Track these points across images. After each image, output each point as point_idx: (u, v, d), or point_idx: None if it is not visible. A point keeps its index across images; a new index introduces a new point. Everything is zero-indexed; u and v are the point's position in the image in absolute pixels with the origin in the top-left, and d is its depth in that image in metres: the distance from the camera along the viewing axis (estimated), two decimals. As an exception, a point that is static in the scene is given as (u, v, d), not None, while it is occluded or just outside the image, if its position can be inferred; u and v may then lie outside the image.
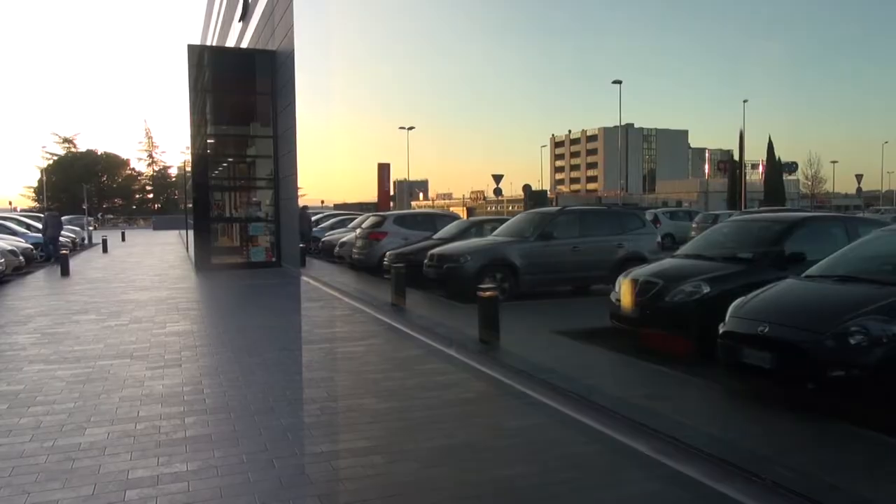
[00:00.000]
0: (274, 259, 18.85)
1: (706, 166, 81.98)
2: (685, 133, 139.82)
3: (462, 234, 14.59)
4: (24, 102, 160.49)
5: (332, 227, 24.79)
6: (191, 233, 21.85)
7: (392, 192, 58.36)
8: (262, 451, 4.48)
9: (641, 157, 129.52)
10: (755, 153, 66.79)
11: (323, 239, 22.63)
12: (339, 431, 4.91)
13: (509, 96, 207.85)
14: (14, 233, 21.52)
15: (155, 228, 59.86)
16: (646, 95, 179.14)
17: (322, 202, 69.81)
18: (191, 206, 21.57)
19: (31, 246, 19.56)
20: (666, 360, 6.89)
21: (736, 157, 60.60)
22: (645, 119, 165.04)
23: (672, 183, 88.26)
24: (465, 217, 22.88)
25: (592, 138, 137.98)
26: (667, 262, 8.46)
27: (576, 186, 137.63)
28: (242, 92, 20.12)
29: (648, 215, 17.20)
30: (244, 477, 4.06)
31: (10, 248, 16.59)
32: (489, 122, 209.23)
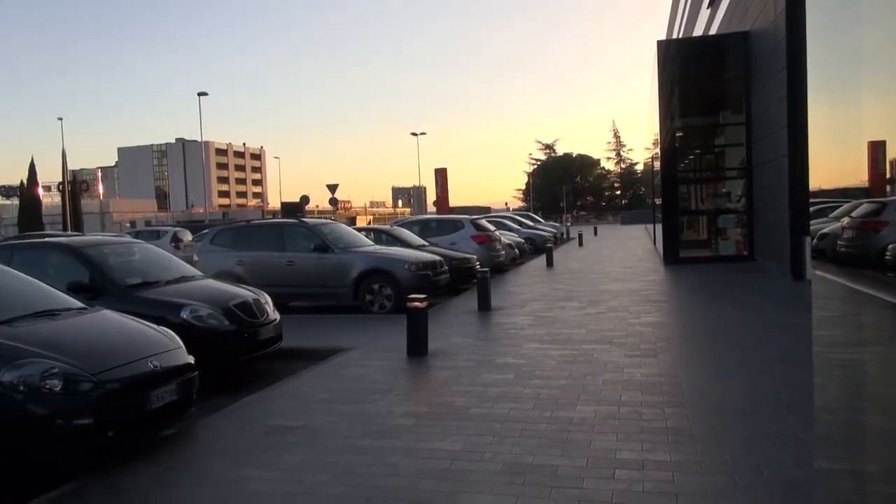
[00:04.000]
0: (746, 253, 17.83)
1: None
2: None
3: None
4: (518, 120, 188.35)
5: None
6: (657, 227, 22.22)
7: (889, 175, 49.21)
8: (748, 454, 4.22)
9: None
10: None
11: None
12: (838, 448, 4.32)
13: None
14: (510, 229, 25.22)
15: (622, 223, 62.94)
16: None
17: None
18: (657, 200, 21.93)
19: (523, 240, 22.69)
20: None
21: None
22: None
23: None
24: None
25: None
26: None
27: None
28: (710, 80, 19.58)
29: None
30: (729, 478, 3.88)
31: (508, 242, 19.54)
32: None
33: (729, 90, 19.08)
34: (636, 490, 3.77)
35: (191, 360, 5.33)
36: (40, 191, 49.10)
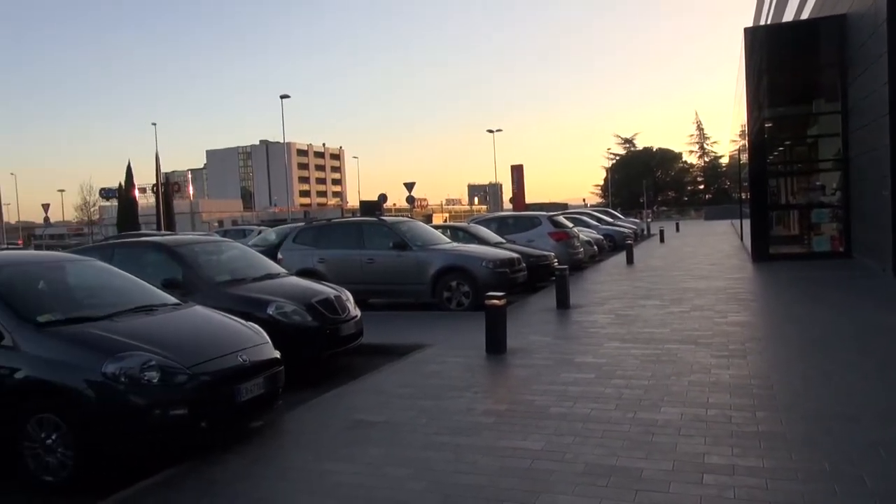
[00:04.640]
0: (842, 249, 16.85)
1: None
2: None
3: None
4: (596, 115, 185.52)
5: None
6: (744, 222, 21.30)
7: None
8: (848, 463, 3.99)
9: None
10: None
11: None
12: (952, 459, 4.01)
13: None
14: (588, 226, 24.76)
15: (706, 218, 60.74)
16: None
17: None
18: (744, 194, 21.04)
19: (602, 237, 22.24)
20: None
21: None
22: None
23: None
24: None
25: None
26: None
27: None
28: (802, 67, 18.61)
29: None
30: (828, 487, 3.68)
31: (586, 238, 19.20)
32: None
33: (822, 78, 18.10)
34: (727, 497, 3.63)
35: (277, 354, 5.50)
36: (136, 192, 51.88)
